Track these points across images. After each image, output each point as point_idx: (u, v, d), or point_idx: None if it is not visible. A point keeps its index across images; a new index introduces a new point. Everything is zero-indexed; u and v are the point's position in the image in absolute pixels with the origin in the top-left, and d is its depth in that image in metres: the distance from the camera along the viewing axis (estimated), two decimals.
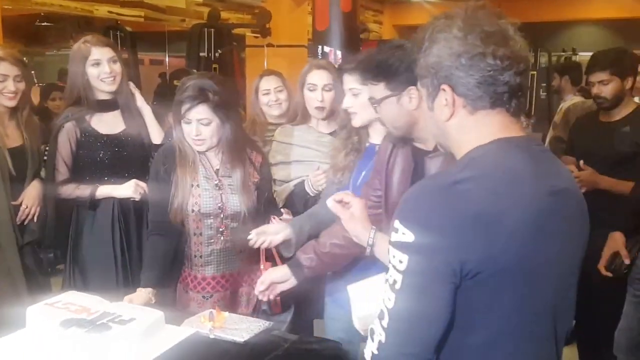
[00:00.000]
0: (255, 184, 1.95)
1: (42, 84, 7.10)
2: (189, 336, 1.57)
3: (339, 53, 3.60)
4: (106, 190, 2.13)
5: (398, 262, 0.88)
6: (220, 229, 1.91)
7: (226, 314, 1.71)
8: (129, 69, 2.42)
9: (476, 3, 0.97)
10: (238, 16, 7.68)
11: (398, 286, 0.87)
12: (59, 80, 6.18)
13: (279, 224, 1.86)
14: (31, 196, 2.22)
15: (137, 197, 2.12)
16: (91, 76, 2.11)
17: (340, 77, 1.85)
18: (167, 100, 1.92)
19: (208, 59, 5.96)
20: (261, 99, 2.55)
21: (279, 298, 1.84)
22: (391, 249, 0.90)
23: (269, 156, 2.20)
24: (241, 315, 1.76)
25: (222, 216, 1.90)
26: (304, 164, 2.18)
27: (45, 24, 8.02)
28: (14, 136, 2.20)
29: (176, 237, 1.92)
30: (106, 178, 2.16)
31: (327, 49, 3.61)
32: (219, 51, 5.99)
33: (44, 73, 8.70)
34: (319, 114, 2.20)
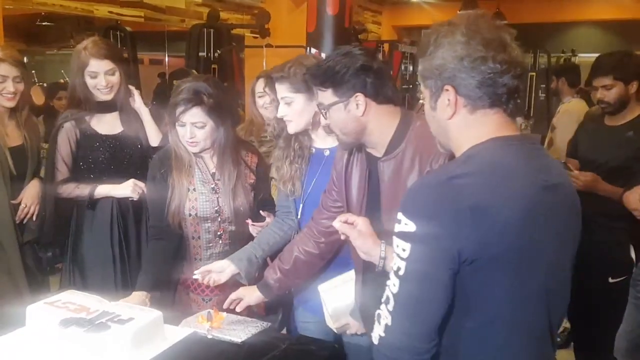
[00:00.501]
0: (251, 185, 1.96)
1: (42, 83, 7.11)
2: (187, 336, 1.58)
3: (324, 55, 3.58)
4: (105, 190, 2.14)
5: (401, 251, 0.96)
6: (219, 233, 1.92)
7: (224, 314, 1.72)
8: (129, 69, 2.42)
9: (477, 12, 1.05)
10: (237, 17, 7.70)
11: (402, 272, 0.96)
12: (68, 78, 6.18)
13: (222, 261, 1.84)
14: (31, 195, 2.22)
15: (135, 196, 2.12)
16: (88, 84, 2.12)
17: (272, 85, 1.85)
18: (166, 100, 1.92)
19: (207, 59, 5.97)
20: (257, 101, 2.57)
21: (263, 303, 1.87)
22: (395, 239, 0.98)
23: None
24: (239, 316, 1.76)
25: (219, 220, 1.90)
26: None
27: (46, 23, 8.04)
28: (14, 136, 2.21)
29: (176, 241, 1.92)
30: (105, 178, 2.17)
31: (314, 51, 3.58)
32: (218, 51, 5.99)
33: (44, 72, 8.72)
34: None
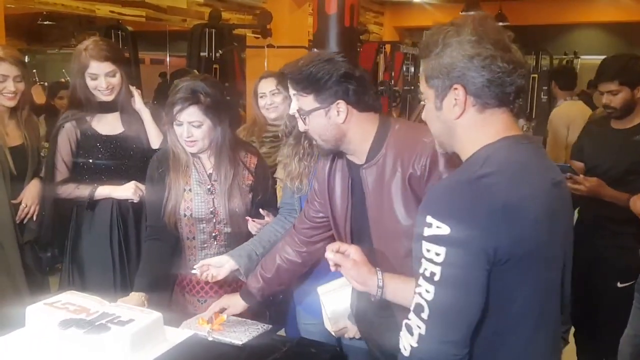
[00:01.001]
0: (249, 186, 1.94)
1: (44, 82, 7.11)
2: (187, 338, 1.58)
3: None
4: (105, 191, 2.13)
5: (435, 255, 0.94)
6: (214, 234, 1.91)
7: (224, 315, 1.71)
8: (130, 69, 2.41)
9: (481, 14, 1.06)
10: (239, 17, 7.69)
11: (437, 278, 0.94)
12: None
13: (221, 256, 1.83)
14: (31, 195, 2.21)
15: (136, 199, 2.12)
16: (89, 85, 2.11)
17: (285, 82, 1.85)
18: (167, 99, 1.91)
19: (209, 59, 5.96)
20: (259, 101, 2.56)
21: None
22: (425, 244, 0.96)
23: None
24: (240, 318, 1.76)
25: (214, 221, 1.89)
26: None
27: (47, 22, 8.04)
28: (14, 135, 2.20)
29: (172, 241, 1.92)
30: (105, 179, 2.16)
31: (316, 51, 3.58)
32: (220, 51, 5.98)
33: (45, 71, 8.72)
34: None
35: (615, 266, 2.35)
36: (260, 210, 1.92)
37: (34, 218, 2.22)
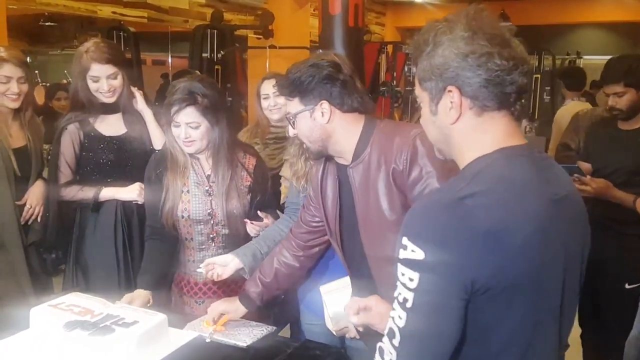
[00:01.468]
0: (247, 187, 1.93)
1: (45, 83, 7.12)
2: (191, 340, 1.58)
3: None
4: (110, 193, 2.13)
5: (408, 280, 0.87)
6: (211, 236, 1.90)
7: (228, 316, 1.71)
8: (132, 71, 2.41)
9: (476, 7, 0.96)
10: (241, 17, 7.68)
11: (409, 304, 0.87)
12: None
13: (226, 255, 1.83)
14: (35, 196, 2.21)
15: (140, 200, 2.11)
16: (90, 87, 2.11)
17: None
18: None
19: (211, 60, 5.96)
20: (262, 103, 2.56)
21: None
22: (400, 267, 0.89)
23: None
24: (244, 320, 1.76)
25: (212, 222, 1.88)
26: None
27: (49, 23, 8.04)
28: (17, 137, 2.20)
29: (172, 241, 1.92)
30: (109, 180, 2.16)
31: (320, 52, 3.59)
32: (222, 52, 5.99)
33: (47, 72, 8.72)
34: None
35: (622, 267, 2.34)
36: (259, 212, 1.91)
37: (39, 219, 2.22)
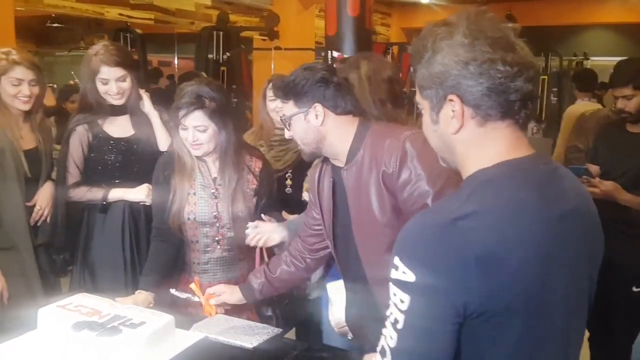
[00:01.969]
0: (253, 190, 1.93)
1: (53, 84, 7.16)
2: (198, 341, 1.58)
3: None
4: (118, 194, 2.15)
5: (399, 301, 0.85)
6: (217, 238, 1.91)
7: (220, 297, 1.75)
8: (140, 73, 2.42)
9: (478, 9, 0.92)
10: (246, 19, 7.70)
11: (400, 326, 0.85)
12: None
13: (274, 223, 1.85)
14: (45, 197, 2.23)
15: (148, 201, 2.12)
16: (99, 90, 2.12)
17: None
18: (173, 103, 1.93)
19: (216, 62, 5.99)
20: (268, 104, 2.56)
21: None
22: (392, 286, 0.86)
23: None
24: (250, 321, 1.76)
25: (217, 225, 1.89)
26: None
27: (56, 25, 8.09)
28: (28, 138, 2.22)
29: (177, 243, 1.93)
30: (117, 181, 2.17)
31: (335, 53, 3.60)
32: (227, 54, 6.01)
33: (54, 74, 8.77)
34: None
35: (630, 270, 2.33)
36: (263, 215, 1.92)
37: (47, 220, 2.24)
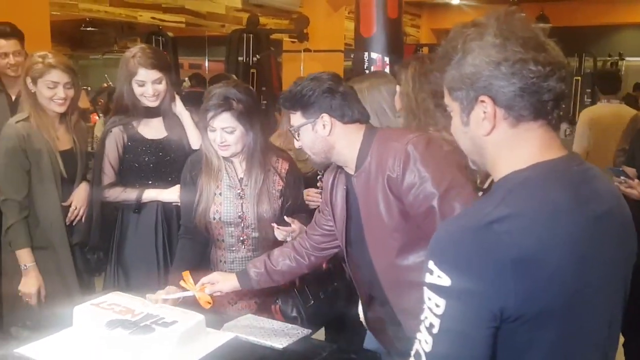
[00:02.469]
0: (279, 191, 1.94)
1: (86, 87, 7.34)
2: (229, 340, 1.60)
3: (387, 59, 3.62)
4: (152, 194, 2.18)
5: (434, 306, 0.84)
6: (242, 238, 1.92)
7: (212, 287, 1.76)
8: (173, 76, 2.46)
9: (507, 9, 0.92)
10: (276, 21, 7.75)
11: (435, 330, 0.84)
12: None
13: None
14: (80, 197, 2.28)
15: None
16: (136, 92, 2.16)
17: None
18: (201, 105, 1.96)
19: (246, 64, 6.05)
20: None
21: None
22: (426, 291, 0.86)
23: None
24: (280, 322, 1.77)
25: (242, 225, 1.91)
26: None
27: (90, 29, 8.29)
28: (64, 140, 2.28)
29: (204, 241, 1.96)
30: (150, 182, 2.21)
31: (374, 55, 3.62)
32: (257, 56, 6.06)
33: (88, 77, 8.98)
34: None
35: None
36: (285, 217, 1.91)
37: (83, 220, 2.29)
